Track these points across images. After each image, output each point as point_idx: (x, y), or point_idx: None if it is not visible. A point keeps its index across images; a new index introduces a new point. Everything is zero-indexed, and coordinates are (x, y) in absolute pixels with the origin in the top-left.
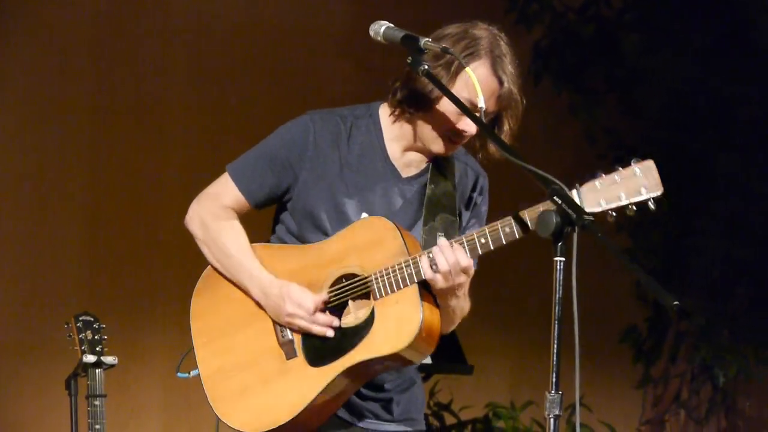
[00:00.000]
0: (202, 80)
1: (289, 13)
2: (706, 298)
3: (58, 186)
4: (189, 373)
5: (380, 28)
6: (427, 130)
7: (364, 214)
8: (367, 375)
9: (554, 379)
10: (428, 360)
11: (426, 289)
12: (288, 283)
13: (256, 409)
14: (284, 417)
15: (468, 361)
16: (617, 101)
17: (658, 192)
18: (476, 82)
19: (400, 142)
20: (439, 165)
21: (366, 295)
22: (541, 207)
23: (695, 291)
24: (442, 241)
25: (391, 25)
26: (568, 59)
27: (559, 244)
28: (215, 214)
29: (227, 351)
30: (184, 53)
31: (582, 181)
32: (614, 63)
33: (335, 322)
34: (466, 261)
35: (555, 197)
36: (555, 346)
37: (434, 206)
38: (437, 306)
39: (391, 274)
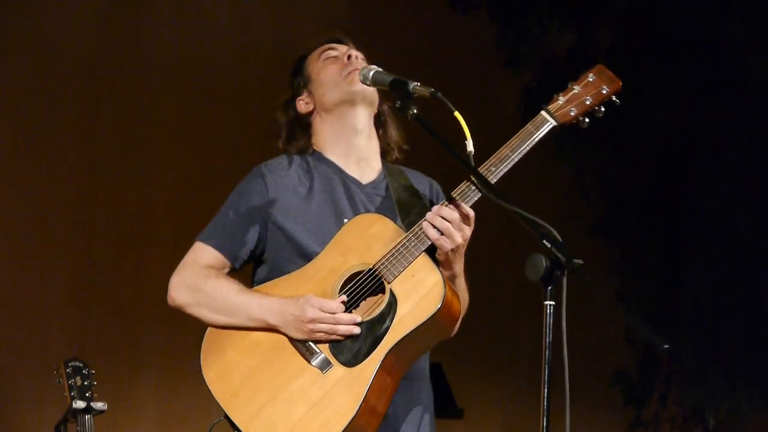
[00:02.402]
0: (189, 128)
1: (280, 43)
2: (697, 341)
3: (45, 228)
4: None
5: (369, 72)
6: (333, 92)
7: (346, 219)
8: (407, 357)
9: (545, 423)
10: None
11: (434, 260)
12: (303, 295)
13: (315, 429)
14: (344, 421)
15: (458, 405)
16: (606, 144)
17: (618, 86)
18: (465, 127)
19: (341, 149)
20: (391, 171)
21: (379, 288)
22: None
23: (685, 333)
24: (435, 207)
25: (380, 69)
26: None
27: (549, 288)
28: (200, 274)
29: (258, 393)
30: (173, 85)
31: (547, 102)
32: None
33: (358, 318)
34: (470, 211)
35: (544, 241)
36: (545, 389)
37: (405, 205)
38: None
39: (396, 254)
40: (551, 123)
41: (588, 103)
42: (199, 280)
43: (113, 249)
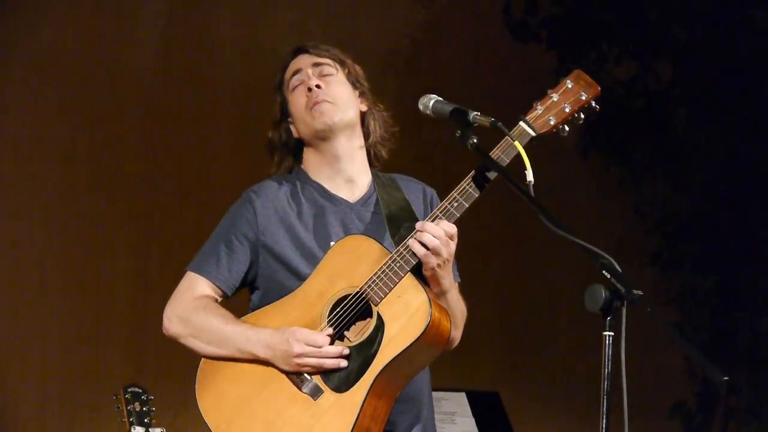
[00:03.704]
0: (246, 146)
1: None
2: (756, 373)
3: (101, 255)
4: None
5: (429, 101)
6: (303, 129)
7: (332, 243)
8: (397, 381)
9: None
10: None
11: (420, 279)
12: (289, 327)
13: None
14: None
15: None
16: (665, 175)
17: (596, 92)
18: (525, 157)
19: (327, 173)
20: (381, 183)
21: (367, 311)
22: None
23: (744, 366)
24: (418, 223)
25: (440, 98)
26: (616, 133)
27: (608, 318)
28: (192, 306)
29: (252, 422)
30: (232, 104)
31: (525, 113)
32: (663, 137)
33: (345, 351)
34: (451, 227)
35: (604, 271)
36: (604, 421)
37: (395, 220)
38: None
39: (382, 276)
40: (530, 134)
41: (567, 110)
42: (190, 312)
43: (170, 272)
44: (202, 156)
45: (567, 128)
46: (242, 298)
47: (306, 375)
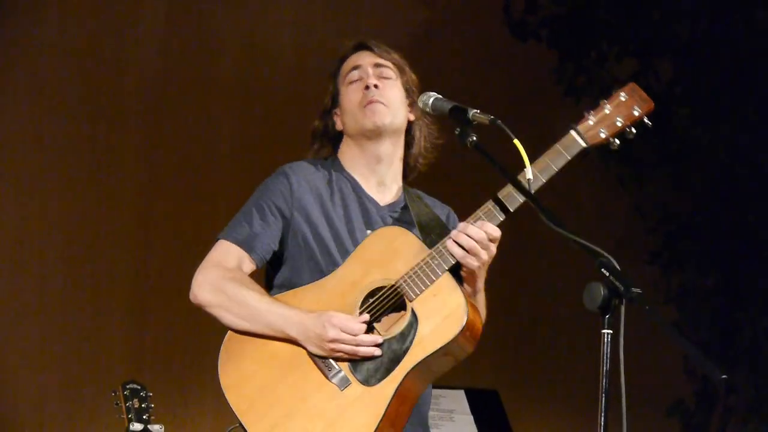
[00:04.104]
0: (247, 147)
1: None
2: (756, 373)
3: (101, 252)
4: None
5: (429, 99)
6: (351, 124)
7: (368, 231)
8: (425, 379)
9: None
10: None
11: (456, 278)
12: (326, 311)
13: None
14: None
15: None
16: (667, 174)
17: (650, 107)
18: (525, 155)
19: (363, 171)
20: (411, 196)
21: (400, 304)
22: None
23: (743, 365)
24: (461, 224)
25: (440, 96)
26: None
27: (607, 316)
28: (225, 276)
29: (275, 406)
30: (234, 106)
31: (576, 122)
32: (664, 136)
33: (379, 339)
34: (495, 230)
35: (603, 269)
36: (602, 418)
37: (426, 228)
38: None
39: (419, 272)
40: (581, 145)
41: (619, 124)
42: (224, 282)
43: (171, 270)
44: (203, 154)
45: (618, 142)
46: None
47: (334, 363)
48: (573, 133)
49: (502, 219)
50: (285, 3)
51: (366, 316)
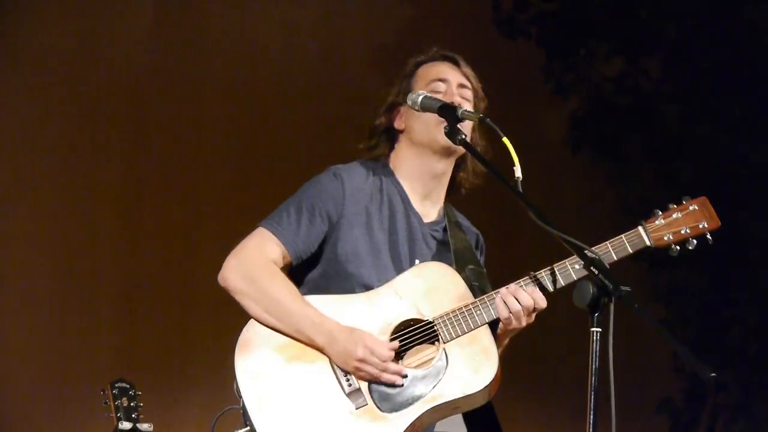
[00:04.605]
0: (234, 147)
1: (329, 71)
2: (745, 370)
3: (89, 251)
4: None
5: (418, 97)
6: (422, 133)
7: (417, 260)
8: (440, 417)
9: None
10: (464, 430)
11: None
12: (358, 328)
13: None
14: None
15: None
16: (654, 171)
17: (716, 225)
18: (513, 153)
19: (415, 184)
20: (450, 216)
21: (430, 339)
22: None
23: (733, 362)
24: (512, 285)
25: (429, 94)
26: (605, 129)
27: (596, 314)
28: (260, 265)
29: (285, 406)
30: (220, 109)
31: (646, 218)
32: (651, 134)
33: (405, 371)
34: (542, 301)
35: (592, 268)
36: (591, 416)
37: (461, 259)
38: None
39: (459, 317)
40: (646, 242)
41: (684, 233)
42: (258, 272)
43: (159, 269)
44: (190, 153)
45: (678, 249)
46: None
47: (354, 380)
48: (640, 229)
49: (551, 290)
50: (274, 1)
51: (396, 344)
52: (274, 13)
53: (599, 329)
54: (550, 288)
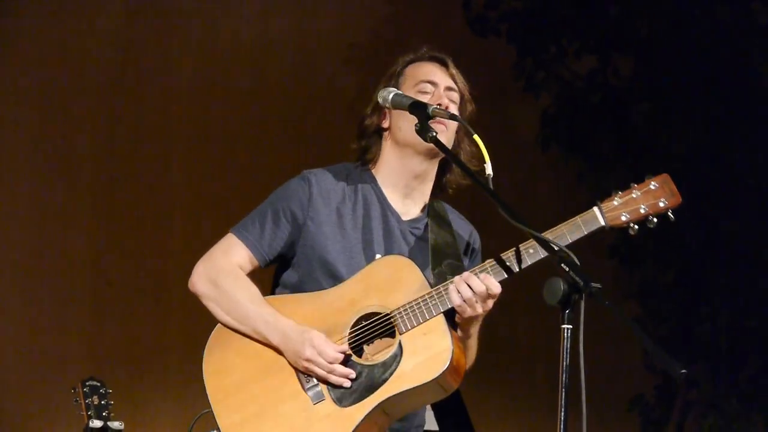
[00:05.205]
0: (205, 143)
1: (302, 66)
2: (715, 367)
3: (60, 248)
4: None
5: (389, 94)
6: (407, 133)
7: (378, 255)
8: (397, 411)
9: None
10: (435, 426)
11: (449, 320)
12: (310, 329)
13: None
14: None
15: (474, 429)
16: (625, 169)
17: (677, 202)
18: (484, 150)
19: (395, 183)
20: (435, 213)
21: (389, 332)
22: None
23: (704, 359)
24: (465, 273)
25: (400, 91)
26: (576, 127)
27: (567, 311)
28: (224, 270)
29: (248, 403)
30: (191, 104)
31: (602, 199)
32: (622, 131)
33: (352, 374)
34: (495, 287)
35: (562, 264)
36: (562, 413)
37: (439, 253)
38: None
39: (415, 308)
40: (600, 223)
41: (642, 212)
42: (222, 277)
43: (131, 267)
44: (162, 149)
45: (637, 227)
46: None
47: (314, 377)
48: (595, 209)
49: (506, 276)
50: None
51: (346, 347)
52: (245, 11)
53: (570, 326)
54: (504, 273)
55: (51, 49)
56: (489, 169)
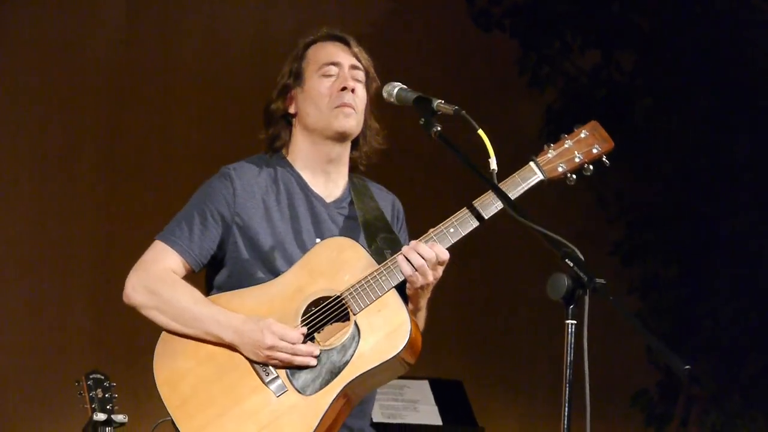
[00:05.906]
0: (207, 141)
1: None
2: (718, 363)
3: (64, 242)
4: None
5: (393, 89)
6: (315, 118)
7: (318, 239)
8: (363, 390)
9: None
10: (439, 421)
11: (401, 295)
12: (264, 318)
13: None
14: None
15: (478, 423)
16: (628, 165)
17: (610, 147)
18: (489, 145)
19: (312, 168)
20: (357, 189)
21: (343, 316)
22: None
23: (706, 355)
24: (412, 242)
25: (404, 86)
26: (578, 122)
27: (571, 307)
28: (160, 278)
29: (208, 406)
30: (194, 99)
31: (536, 153)
32: (625, 127)
33: (316, 350)
34: (444, 253)
35: (566, 260)
36: (566, 408)
37: (371, 229)
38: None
39: (366, 286)
40: (538, 176)
41: (577, 160)
42: (158, 284)
43: (134, 260)
44: (164, 142)
45: (575, 177)
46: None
47: (272, 369)
48: (532, 164)
49: (453, 241)
50: None
51: (304, 329)
52: (246, 4)
53: (574, 321)
54: (451, 239)
55: (51, 48)
56: (493, 164)
